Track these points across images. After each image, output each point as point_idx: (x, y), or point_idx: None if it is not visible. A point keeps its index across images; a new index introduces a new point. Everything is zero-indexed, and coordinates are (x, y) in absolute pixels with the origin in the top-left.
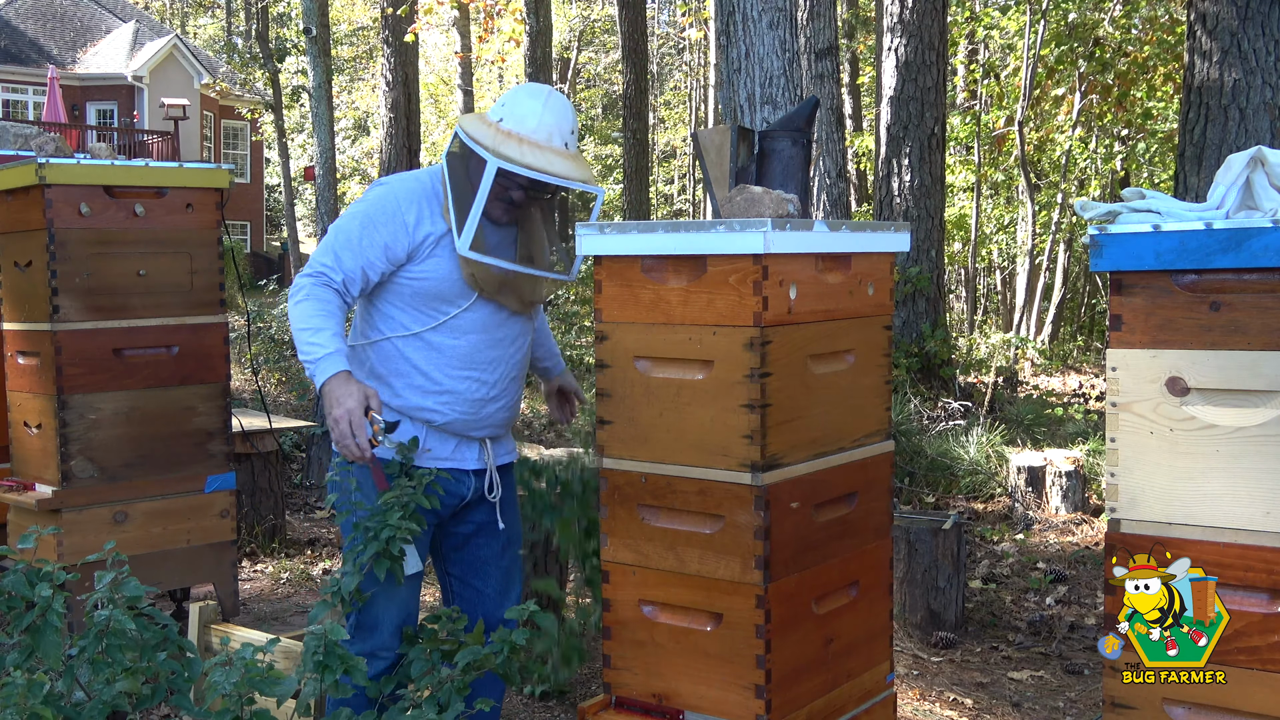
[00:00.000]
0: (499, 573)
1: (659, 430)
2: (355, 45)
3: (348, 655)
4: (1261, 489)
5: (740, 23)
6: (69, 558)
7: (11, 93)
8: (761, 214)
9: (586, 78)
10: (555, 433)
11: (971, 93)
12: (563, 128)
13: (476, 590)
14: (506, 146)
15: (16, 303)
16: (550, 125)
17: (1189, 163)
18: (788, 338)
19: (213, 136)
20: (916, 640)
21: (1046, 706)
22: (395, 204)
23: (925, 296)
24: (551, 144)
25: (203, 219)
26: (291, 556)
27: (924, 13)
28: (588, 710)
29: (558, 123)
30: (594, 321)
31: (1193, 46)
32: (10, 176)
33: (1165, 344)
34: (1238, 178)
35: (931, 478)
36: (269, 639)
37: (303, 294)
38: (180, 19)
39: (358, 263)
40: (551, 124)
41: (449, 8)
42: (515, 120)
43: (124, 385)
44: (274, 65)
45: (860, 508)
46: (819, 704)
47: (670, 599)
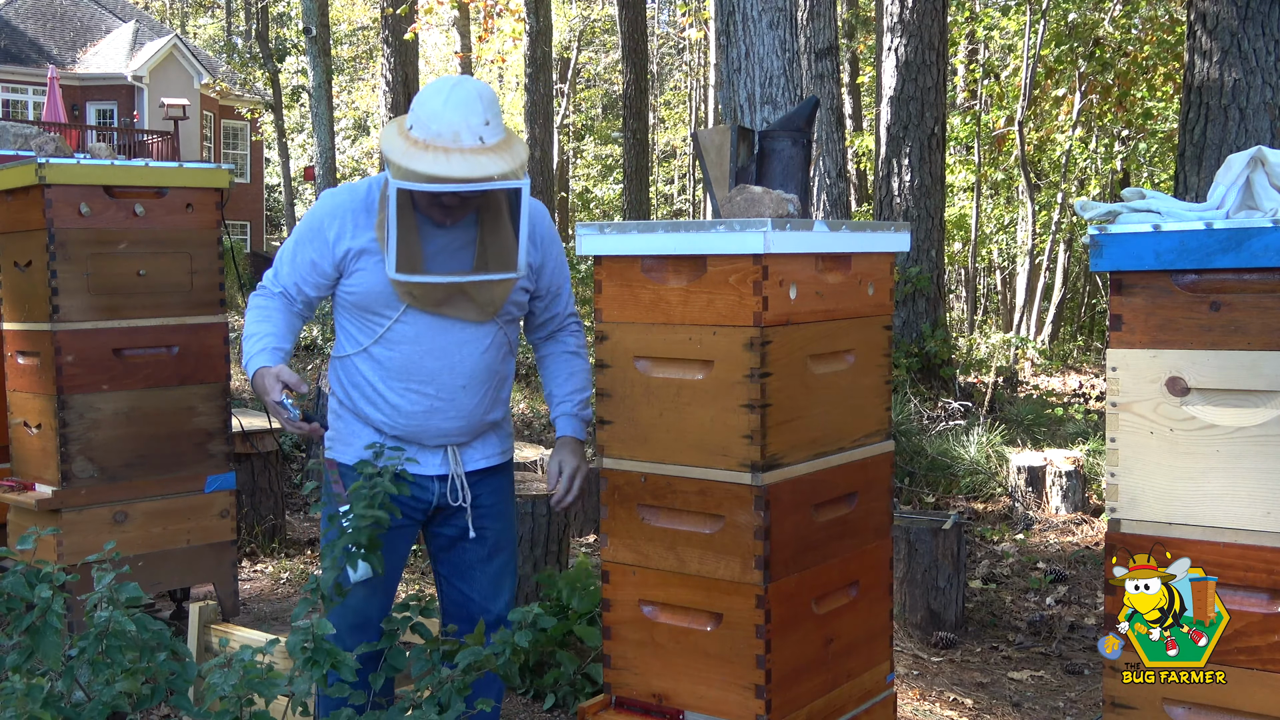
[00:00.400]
0: (485, 578)
1: (659, 430)
2: (355, 45)
3: (335, 649)
4: (1261, 489)
5: (740, 23)
6: (69, 558)
7: (11, 93)
8: (761, 214)
9: (586, 78)
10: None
11: (971, 93)
12: (471, 122)
13: (462, 593)
14: (412, 159)
15: (16, 303)
16: (456, 124)
17: (1189, 163)
18: (788, 338)
19: (213, 136)
20: (916, 640)
21: (1046, 706)
22: (320, 220)
23: (925, 296)
24: (460, 144)
25: (203, 219)
26: (291, 556)
27: (924, 13)
28: (588, 710)
29: (464, 118)
30: (594, 321)
31: (1193, 46)
32: (10, 176)
33: (1165, 344)
34: (1238, 178)
35: (931, 478)
36: (269, 639)
37: (249, 305)
38: (180, 19)
39: (293, 278)
40: (457, 121)
41: (449, 8)
42: (421, 126)
43: (124, 385)
44: (274, 65)
45: (860, 508)
46: (819, 704)
47: (670, 599)
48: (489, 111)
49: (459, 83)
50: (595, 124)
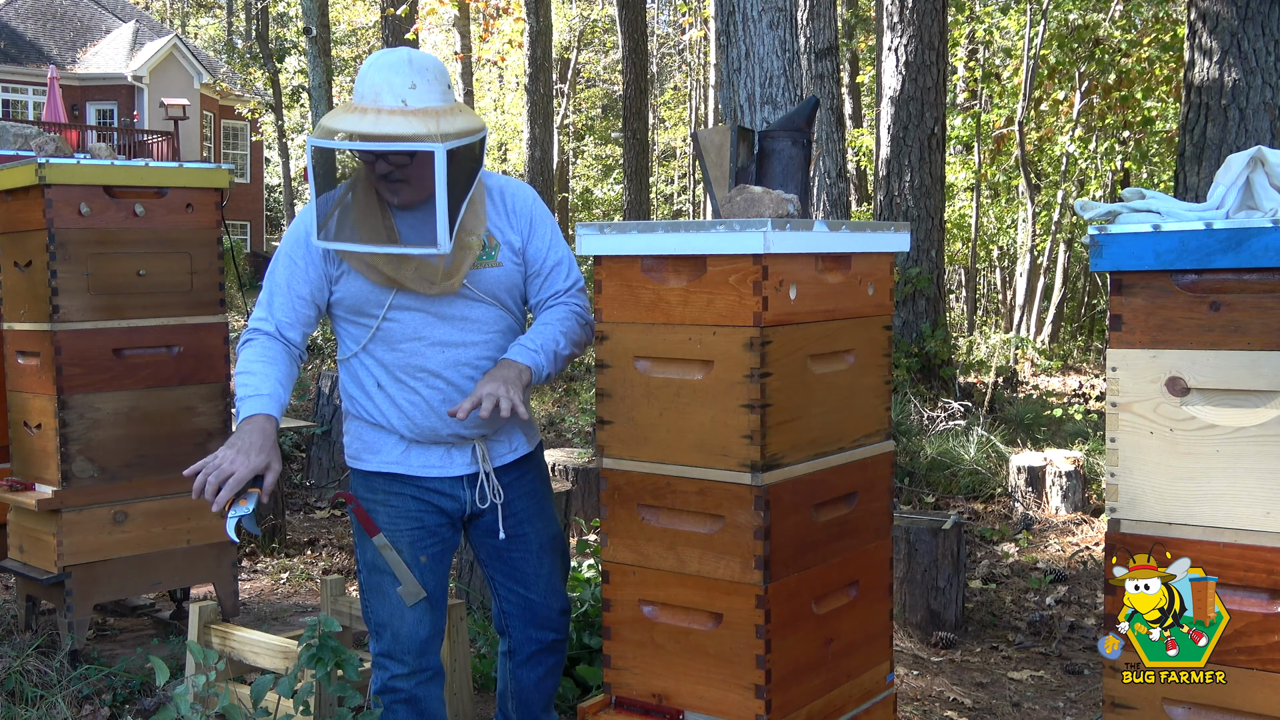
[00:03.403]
0: (541, 579)
1: (659, 430)
2: (355, 45)
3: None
4: (1261, 489)
5: (740, 23)
6: (69, 558)
7: (11, 93)
8: (761, 214)
9: (586, 78)
10: (555, 433)
11: (972, 93)
12: (394, 83)
13: (523, 596)
14: (332, 118)
15: (16, 303)
16: (379, 84)
17: (1189, 163)
18: (788, 338)
19: (213, 136)
20: (916, 640)
21: (1046, 706)
22: (303, 228)
23: (925, 296)
24: (379, 104)
25: (203, 219)
26: (291, 556)
27: (924, 12)
28: (588, 710)
29: (386, 79)
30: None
31: (1193, 46)
32: (10, 176)
33: (1165, 344)
34: (1238, 178)
35: (931, 478)
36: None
37: (242, 345)
38: (180, 19)
39: (293, 306)
40: (379, 82)
41: (449, 8)
42: (355, 93)
43: (124, 385)
44: (274, 65)
45: (860, 508)
46: (819, 704)
47: (670, 599)
48: (419, 77)
49: (395, 50)
50: (595, 124)
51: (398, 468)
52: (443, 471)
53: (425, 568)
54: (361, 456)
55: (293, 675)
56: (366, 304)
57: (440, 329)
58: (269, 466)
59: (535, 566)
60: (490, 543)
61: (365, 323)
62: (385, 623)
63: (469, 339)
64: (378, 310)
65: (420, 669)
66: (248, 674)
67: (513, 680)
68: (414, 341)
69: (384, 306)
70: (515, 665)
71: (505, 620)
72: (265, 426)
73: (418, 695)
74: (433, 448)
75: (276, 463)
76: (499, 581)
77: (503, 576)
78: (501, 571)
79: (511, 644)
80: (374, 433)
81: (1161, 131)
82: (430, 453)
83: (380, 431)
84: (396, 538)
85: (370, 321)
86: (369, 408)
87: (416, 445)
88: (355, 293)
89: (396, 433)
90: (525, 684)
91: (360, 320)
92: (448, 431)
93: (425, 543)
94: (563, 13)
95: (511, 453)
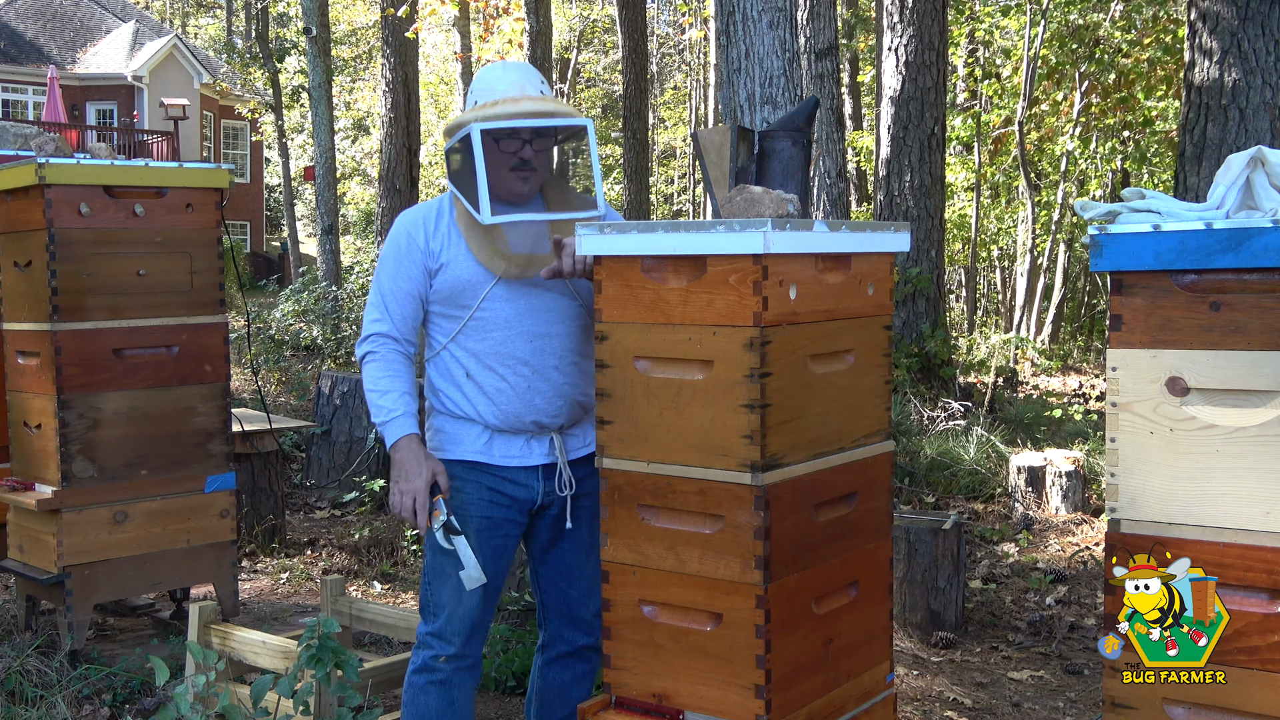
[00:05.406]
0: (585, 578)
1: (659, 430)
2: (355, 45)
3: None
4: (1261, 489)
5: (740, 23)
6: (69, 558)
7: (11, 93)
8: (761, 214)
9: (586, 78)
10: None
11: (972, 93)
12: (530, 79)
13: (564, 593)
14: (490, 108)
15: (16, 303)
16: (517, 80)
17: (1189, 163)
18: (788, 338)
19: (213, 136)
20: (916, 640)
21: (1046, 706)
22: (406, 233)
23: (925, 296)
24: (526, 93)
25: (203, 219)
26: (291, 556)
27: (924, 12)
28: (588, 710)
29: (522, 78)
30: (594, 321)
31: (1193, 46)
32: (10, 176)
33: (1165, 344)
34: (1238, 178)
35: (931, 478)
36: (268, 639)
37: (366, 357)
38: (180, 19)
39: (404, 305)
40: (517, 79)
41: (449, 8)
42: (485, 93)
43: (124, 385)
44: (274, 65)
45: (860, 508)
46: (819, 704)
47: (670, 599)
48: (541, 77)
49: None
50: (595, 124)
51: (480, 456)
52: (521, 461)
53: (486, 558)
54: (444, 448)
55: (293, 675)
56: (464, 295)
57: (531, 320)
58: (434, 472)
59: (582, 564)
60: (547, 536)
61: (458, 314)
62: (444, 604)
63: (555, 330)
64: (473, 300)
65: (464, 654)
66: (248, 674)
67: (539, 678)
68: (505, 330)
69: (480, 297)
70: (544, 662)
71: (544, 614)
72: (412, 444)
73: (453, 680)
74: (514, 438)
75: (437, 465)
76: (543, 575)
77: (549, 570)
78: (549, 565)
79: (545, 639)
80: (456, 425)
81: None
82: (511, 443)
83: (463, 423)
84: (465, 525)
85: (462, 313)
86: (456, 399)
87: (499, 435)
88: (455, 283)
89: (482, 421)
90: (550, 684)
91: (453, 313)
92: (531, 419)
93: (490, 534)
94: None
95: (585, 447)
